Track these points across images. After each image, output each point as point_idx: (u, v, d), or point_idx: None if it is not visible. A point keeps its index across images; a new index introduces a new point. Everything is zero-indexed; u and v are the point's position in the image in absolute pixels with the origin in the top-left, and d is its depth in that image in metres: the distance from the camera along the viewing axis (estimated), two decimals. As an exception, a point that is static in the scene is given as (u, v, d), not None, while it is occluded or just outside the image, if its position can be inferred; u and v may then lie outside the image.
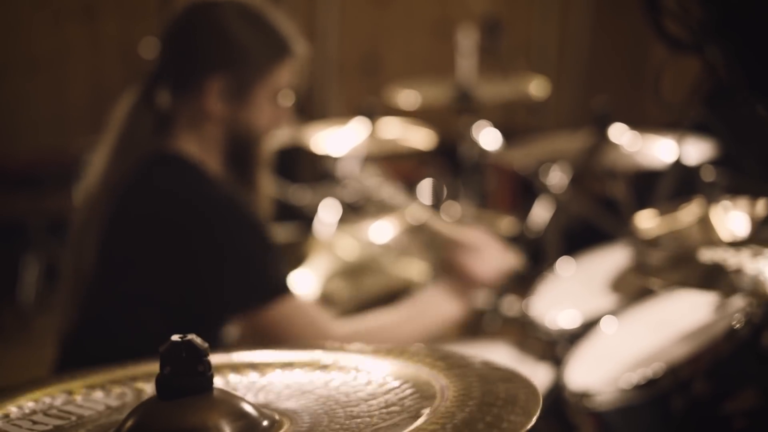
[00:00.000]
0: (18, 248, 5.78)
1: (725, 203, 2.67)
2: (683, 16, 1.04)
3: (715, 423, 2.31)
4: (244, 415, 1.13)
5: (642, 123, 3.68)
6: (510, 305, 3.69)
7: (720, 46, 1.03)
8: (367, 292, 3.71)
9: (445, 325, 2.91)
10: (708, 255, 2.22)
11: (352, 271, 3.63)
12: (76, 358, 2.70)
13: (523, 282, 3.71)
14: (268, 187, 2.93)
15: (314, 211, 4.22)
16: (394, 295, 3.92)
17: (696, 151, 3.48)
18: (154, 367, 1.13)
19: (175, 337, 1.13)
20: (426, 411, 1.12)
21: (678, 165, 3.44)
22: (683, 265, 2.25)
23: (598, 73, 6.70)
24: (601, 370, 2.57)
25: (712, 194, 2.67)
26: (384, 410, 1.14)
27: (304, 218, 4.36)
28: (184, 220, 2.60)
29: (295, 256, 3.91)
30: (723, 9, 1.02)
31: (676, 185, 3.43)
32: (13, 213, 5.95)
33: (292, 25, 2.78)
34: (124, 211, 2.64)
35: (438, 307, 2.85)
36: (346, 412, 1.15)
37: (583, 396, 2.47)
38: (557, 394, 2.77)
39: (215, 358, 1.14)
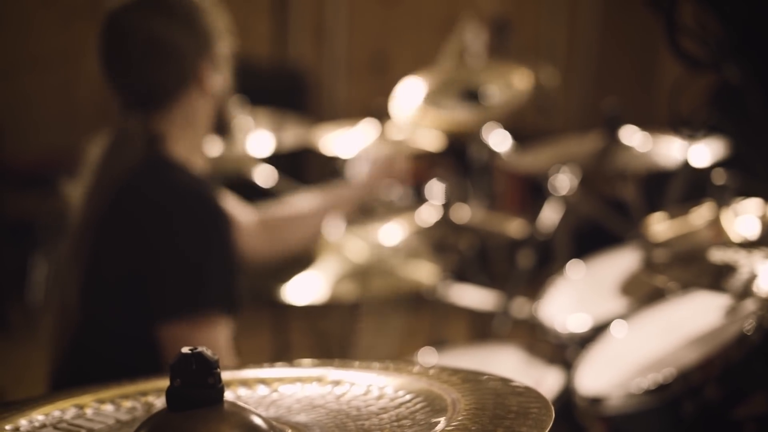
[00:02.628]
0: (26, 247, 5.79)
1: (736, 206, 2.66)
2: (701, 35, 1.03)
3: (726, 428, 2.30)
4: (254, 427, 1.12)
5: (652, 123, 3.67)
6: (520, 308, 3.68)
7: (738, 64, 1.02)
8: (376, 293, 3.71)
9: None
10: (718, 255, 2.21)
11: (361, 273, 3.63)
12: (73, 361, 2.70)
13: (533, 284, 3.70)
14: (241, 126, 2.95)
15: (323, 212, 4.20)
16: (403, 297, 3.92)
17: (706, 153, 3.47)
18: (164, 382, 1.13)
19: (186, 350, 1.13)
20: (437, 424, 1.11)
21: (688, 167, 3.43)
22: (692, 265, 2.25)
23: (607, 73, 6.69)
24: (612, 374, 2.56)
25: (723, 197, 2.66)
26: (395, 423, 1.14)
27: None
28: (152, 220, 2.60)
29: (304, 257, 3.91)
30: (742, 27, 1.01)
31: (687, 188, 3.42)
32: (21, 212, 5.96)
33: None
34: (114, 220, 2.63)
35: None
36: (357, 426, 1.14)
37: (594, 400, 2.47)
38: (567, 398, 2.77)
39: (225, 374, 1.13)
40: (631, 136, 3.52)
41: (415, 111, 4.44)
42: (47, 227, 5.79)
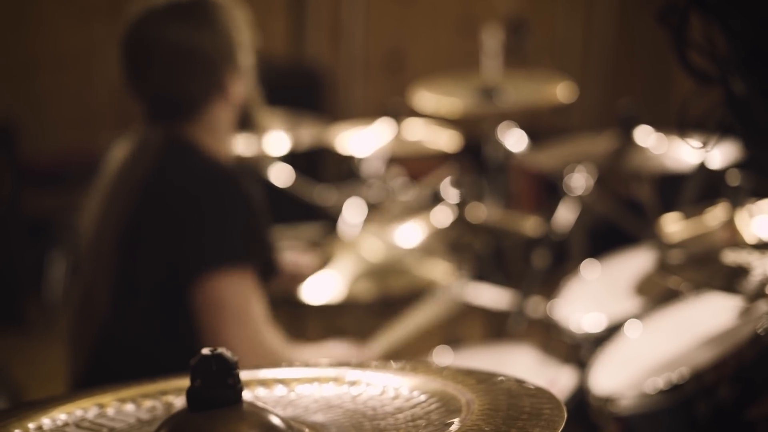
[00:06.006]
0: (43, 245, 5.82)
1: (751, 207, 2.67)
2: (709, 49, 1.05)
3: (739, 428, 2.31)
4: (273, 427, 1.14)
5: (668, 123, 3.67)
6: (535, 307, 3.69)
7: (745, 79, 1.04)
8: (392, 293, 3.72)
9: None
10: (732, 257, 2.22)
11: (377, 272, 3.64)
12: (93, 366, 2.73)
13: (549, 284, 3.71)
14: (268, 122, 2.99)
15: (339, 211, 4.23)
16: (419, 296, 3.93)
17: (721, 154, 3.47)
18: (184, 381, 1.15)
19: (206, 351, 1.15)
20: (452, 424, 1.13)
21: (703, 168, 3.44)
22: (706, 266, 2.26)
23: (624, 73, 6.69)
24: (626, 373, 2.58)
25: (738, 198, 2.67)
26: (410, 423, 1.16)
27: (328, 218, 4.37)
28: (174, 199, 2.65)
29: (320, 256, 3.92)
30: (749, 42, 1.02)
31: (701, 189, 3.43)
32: (38, 210, 5.99)
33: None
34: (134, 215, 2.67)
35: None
36: (373, 425, 1.16)
37: (608, 400, 2.48)
38: (581, 397, 2.78)
39: (244, 374, 1.15)
40: (646, 136, 3.53)
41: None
42: (64, 225, 5.82)
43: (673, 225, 2.88)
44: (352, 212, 4.19)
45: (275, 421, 1.15)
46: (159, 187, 2.67)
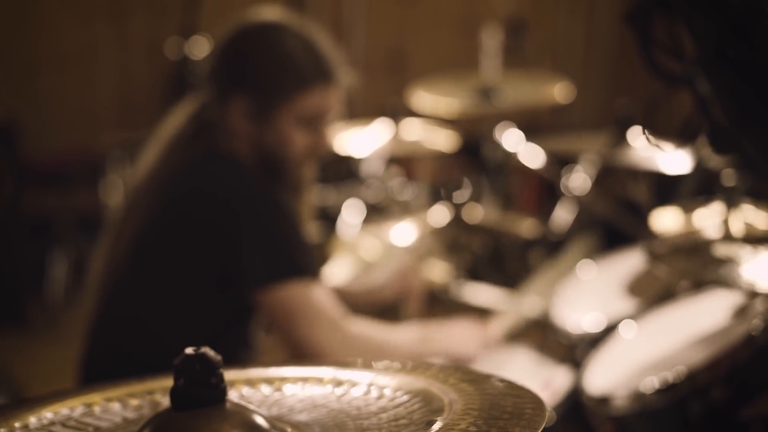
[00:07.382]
0: (45, 244, 5.84)
1: (745, 207, 2.68)
2: (675, 50, 1.05)
3: (733, 429, 2.32)
4: (256, 426, 1.15)
5: (670, 123, 3.67)
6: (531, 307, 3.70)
7: (710, 81, 1.05)
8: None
9: (454, 359, 2.92)
10: (723, 251, 2.24)
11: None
12: (105, 354, 2.76)
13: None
14: (307, 213, 3.01)
15: (338, 211, 4.24)
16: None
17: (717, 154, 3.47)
18: (170, 381, 1.16)
19: (189, 350, 1.16)
20: (434, 423, 1.14)
21: (699, 168, 3.44)
22: (696, 259, 2.27)
23: (625, 73, 6.70)
24: (620, 373, 2.58)
25: (732, 197, 2.68)
26: (393, 423, 1.17)
27: (327, 218, 4.38)
28: (215, 214, 2.68)
29: (319, 256, 3.93)
30: (714, 44, 1.03)
31: (697, 189, 3.44)
32: (41, 209, 6.01)
33: (336, 53, 2.82)
34: (166, 208, 2.72)
35: (454, 340, 2.93)
36: (356, 425, 1.17)
37: (602, 400, 2.49)
38: (576, 397, 2.79)
39: (230, 373, 1.16)
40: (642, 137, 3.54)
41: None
42: (66, 224, 5.84)
43: (667, 219, 2.89)
44: (351, 212, 4.20)
45: (258, 420, 1.15)
46: (197, 200, 2.73)
